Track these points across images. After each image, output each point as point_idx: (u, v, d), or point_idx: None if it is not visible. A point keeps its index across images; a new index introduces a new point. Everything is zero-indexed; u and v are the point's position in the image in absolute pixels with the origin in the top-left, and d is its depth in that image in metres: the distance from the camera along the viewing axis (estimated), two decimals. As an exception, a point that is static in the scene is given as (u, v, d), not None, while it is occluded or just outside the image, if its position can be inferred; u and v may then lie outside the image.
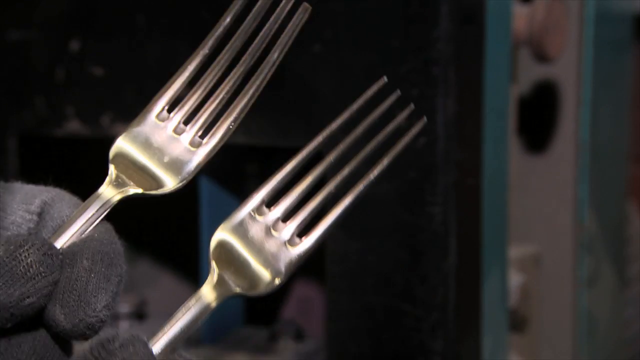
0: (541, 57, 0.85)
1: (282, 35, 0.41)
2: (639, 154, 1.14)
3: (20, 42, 0.84)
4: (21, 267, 0.35)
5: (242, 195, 0.91)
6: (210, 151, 0.41)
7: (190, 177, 0.40)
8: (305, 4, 0.42)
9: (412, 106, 0.41)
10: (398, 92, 0.41)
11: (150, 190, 0.40)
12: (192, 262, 0.90)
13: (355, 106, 0.41)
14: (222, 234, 0.39)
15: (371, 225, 0.74)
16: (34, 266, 0.35)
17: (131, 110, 0.80)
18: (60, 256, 0.36)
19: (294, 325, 0.90)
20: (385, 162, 0.41)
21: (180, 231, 0.97)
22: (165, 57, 0.80)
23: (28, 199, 0.39)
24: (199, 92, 0.41)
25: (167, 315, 0.39)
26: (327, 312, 0.77)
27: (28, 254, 0.35)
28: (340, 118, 0.41)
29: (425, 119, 0.41)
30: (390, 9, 0.72)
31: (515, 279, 0.89)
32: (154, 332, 0.38)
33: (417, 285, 0.73)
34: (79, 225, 0.38)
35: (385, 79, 0.41)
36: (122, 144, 0.40)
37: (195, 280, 0.94)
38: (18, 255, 0.35)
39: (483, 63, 0.76)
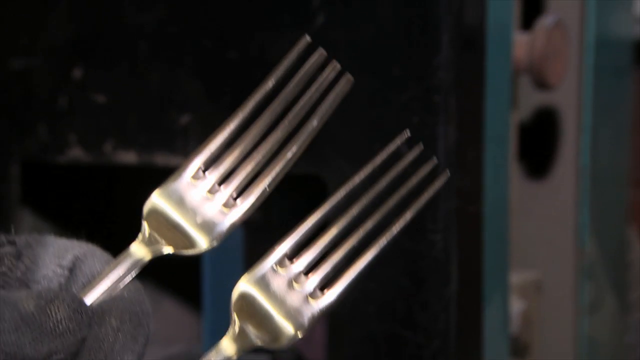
0: (542, 84, 0.85)
1: (323, 103, 0.41)
2: (639, 179, 1.14)
3: (23, 69, 0.84)
4: (50, 323, 0.35)
5: (244, 223, 0.91)
6: (244, 214, 0.40)
7: (223, 239, 0.40)
8: (349, 75, 0.41)
9: (435, 160, 0.41)
10: (421, 146, 0.41)
11: (182, 249, 0.40)
12: (193, 289, 0.90)
13: (377, 160, 0.41)
14: (244, 286, 0.39)
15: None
16: (63, 322, 0.35)
17: (133, 137, 0.81)
18: (90, 313, 0.36)
19: (294, 352, 0.90)
20: (407, 216, 0.40)
21: (181, 258, 0.96)
22: (167, 85, 0.80)
23: (61, 254, 0.39)
24: (235, 153, 0.41)
25: (168, 343, 0.39)
26: (328, 339, 0.77)
27: (58, 310, 0.35)
28: (362, 172, 0.41)
29: (447, 173, 0.41)
30: (391, 37, 0.72)
31: (516, 306, 0.88)
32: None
33: (419, 312, 0.73)
34: (109, 282, 0.38)
35: (408, 132, 0.41)
36: (157, 202, 0.40)
37: (197, 308, 0.93)
38: (48, 310, 0.35)
39: (483, 90, 0.77)
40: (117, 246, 0.41)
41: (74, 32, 0.83)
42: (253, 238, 0.85)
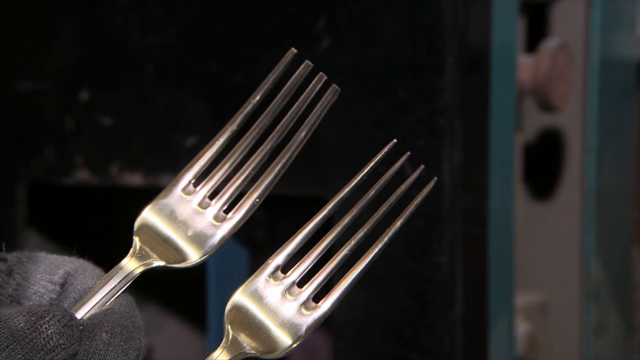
0: (546, 107, 0.85)
1: (311, 115, 0.42)
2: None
3: (30, 92, 0.84)
4: (41, 339, 0.35)
5: (249, 243, 0.91)
6: (234, 226, 0.41)
7: (214, 252, 0.40)
8: (335, 86, 0.42)
9: (422, 167, 0.41)
10: (408, 153, 0.41)
11: (174, 263, 0.40)
12: (198, 308, 0.90)
13: (366, 169, 0.41)
14: (237, 297, 0.39)
15: (378, 274, 0.74)
16: (54, 338, 0.35)
17: (139, 159, 0.81)
18: (81, 327, 0.36)
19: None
20: (398, 224, 0.40)
21: (186, 277, 0.96)
22: (172, 107, 0.80)
23: (52, 270, 0.39)
24: (225, 167, 0.42)
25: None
26: (334, 361, 0.77)
27: (49, 326, 0.35)
28: (352, 183, 0.41)
29: (435, 178, 0.41)
30: (397, 60, 0.72)
31: (522, 327, 0.88)
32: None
33: (424, 334, 0.73)
34: (101, 296, 0.38)
35: (395, 140, 0.41)
36: (148, 216, 0.41)
37: (202, 327, 0.93)
38: (39, 326, 0.35)
39: (488, 113, 0.76)
40: (105, 253, 0.41)
41: (80, 55, 0.83)
42: (258, 258, 0.85)
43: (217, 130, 0.78)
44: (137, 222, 0.41)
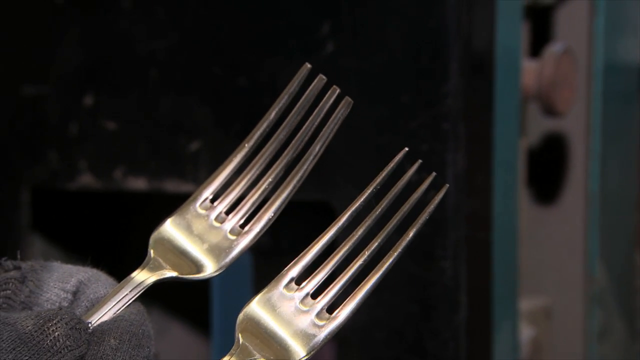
0: (550, 111, 0.85)
1: (324, 129, 0.42)
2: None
3: (34, 96, 0.84)
4: (48, 341, 0.35)
5: (253, 248, 0.91)
6: (251, 240, 0.41)
7: (228, 265, 0.41)
8: (348, 98, 0.42)
9: (434, 174, 0.41)
10: (419, 161, 0.41)
11: (187, 274, 0.41)
12: (202, 313, 0.90)
13: (379, 179, 0.41)
14: (250, 308, 0.39)
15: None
16: (60, 340, 0.35)
17: (143, 164, 0.81)
18: (89, 330, 0.37)
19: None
20: (411, 234, 0.40)
21: (190, 282, 0.96)
22: (177, 112, 0.80)
23: (64, 278, 0.40)
24: (242, 183, 0.42)
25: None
26: (338, 365, 0.77)
27: (56, 328, 0.35)
28: (365, 194, 0.41)
29: (447, 186, 0.41)
30: (400, 65, 0.72)
31: (526, 332, 0.88)
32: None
33: (428, 340, 0.73)
34: (112, 305, 0.38)
35: (406, 149, 0.41)
36: (164, 230, 0.42)
37: (206, 332, 0.93)
38: (46, 329, 0.35)
39: (492, 117, 0.76)
40: (126, 272, 0.41)
41: (85, 60, 0.83)
42: (262, 263, 0.85)
43: (222, 134, 0.78)
44: (153, 236, 0.41)
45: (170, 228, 0.41)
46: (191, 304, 0.98)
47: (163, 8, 0.80)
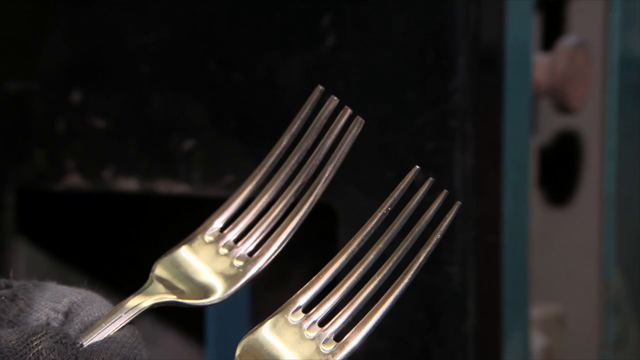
0: (563, 108, 0.85)
1: (335, 152, 0.43)
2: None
3: (20, 93, 0.84)
4: (31, 354, 0.35)
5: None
6: (259, 268, 0.42)
7: (233, 293, 0.41)
8: (359, 118, 0.43)
9: (445, 192, 0.42)
10: (431, 179, 0.42)
11: (189, 299, 0.41)
12: (195, 321, 0.90)
13: (390, 200, 0.41)
14: (254, 334, 0.40)
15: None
16: (44, 353, 0.36)
17: (134, 163, 0.81)
18: (77, 346, 0.37)
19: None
20: (422, 257, 0.41)
21: (190, 307, 0.96)
22: (169, 109, 0.80)
23: (57, 298, 0.40)
24: (252, 212, 0.44)
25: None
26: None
27: (40, 342, 0.36)
28: (375, 217, 0.41)
29: (459, 203, 0.41)
30: (405, 60, 0.73)
31: (538, 341, 0.88)
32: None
33: (435, 349, 0.73)
34: (106, 327, 0.39)
35: (417, 167, 0.42)
36: (169, 256, 0.42)
37: (199, 340, 0.93)
38: (30, 342, 0.36)
39: (502, 114, 0.77)
40: (116, 278, 0.41)
41: (72, 54, 0.83)
42: (259, 272, 0.85)
43: (217, 132, 0.78)
44: (157, 262, 0.42)
45: (176, 255, 0.43)
46: (185, 316, 0.98)
47: (155, 0, 0.80)
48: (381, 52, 0.73)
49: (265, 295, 0.78)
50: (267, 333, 0.40)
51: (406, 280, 0.40)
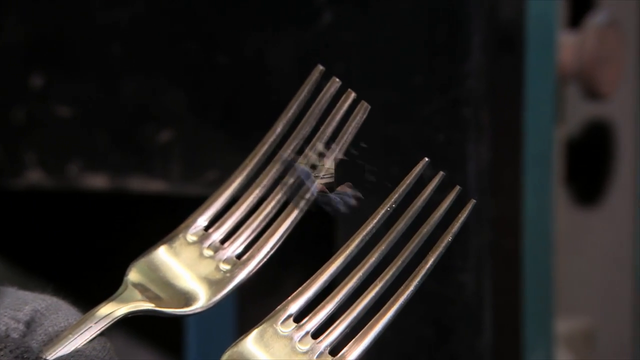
0: (593, 93, 0.85)
1: (337, 140, 0.43)
2: None
3: (-29, 76, 0.85)
4: None
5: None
6: (248, 273, 0.42)
7: (218, 301, 0.41)
8: (364, 103, 0.42)
9: (458, 189, 0.41)
10: (442, 173, 0.41)
11: (168, 308, 0.41)
12: (175, 332, 0.90)
13: (392, 199, 0.41)
14: (238, 346, 0.39)
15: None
16: None
17: (103, 157, 0.81)
18: None
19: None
20: (430, 262, 0.40)
21: (170, 317, 0.96)
22: (144, 95, 0.80)
23: (17, 305, 0.40)
24: (241, 208, 0.43)
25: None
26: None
27: None
28: (377, 217, 0.41)
29: (473, 201, 0.41)
30: (412, 40, 0.73)
31: (563, 359, 0.88)
32: None
33: (445, 368, 0.73)
34: (73, 339, 0.39)
35: (426, 159, 0.41)
36: (146, 259, 0.42)
37: (179, 355, 0.94)
38: None
39: (522, 102, 0.77)
40: (85, 283, 0.41)
41: (32, 32, 0.83)
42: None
43: (197, 123, 0.78)
44: (132, 264, 0.42)
45: (153, 256, 0.42)
46: (163, 325, 0.99)
47: (127, -30, 0.80)
48: (384, 31, 0.73)
49: (253, 304, 0.78)
50: (253, 346, 0.40)
51: (412, 288, 0.40)
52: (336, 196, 0.42)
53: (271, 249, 0.42)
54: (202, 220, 0.43)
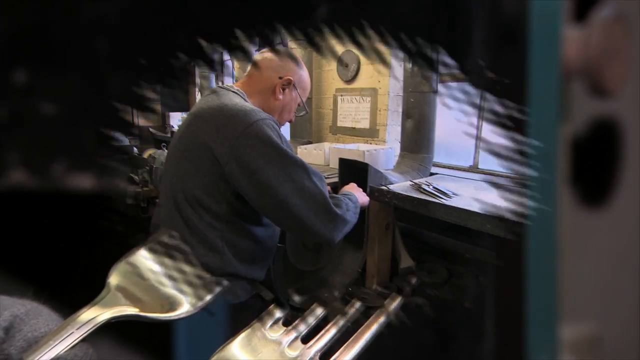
0: (599, 90, 0.85)
1: None
2: None
3: (-48, 72, 0.85)
4: None
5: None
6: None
7: (207, 303, 0.41)
8: None
9: None
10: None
11: (152, 312, 0.41)
12: (162, 338, 0.90)
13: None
14: (225, 352, 0.40)
15: (388, 300, 0.74)
16: None
17: (90, 157, 0.81)
18: None
19: None
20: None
21: (156, 322, 0.97)
22: (131, 92, 0.80)
23: None
24: None
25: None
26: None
27: None
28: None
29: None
30: (411, 34, 0.73)
31: (568, 367, 0.89)
32: None
33: (445, 376, 0.73)
34: (53, 345, 0.39)
35: None
36: (130, 259, 0.42)
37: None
38: None
39: (526, 98, 0.77)
40: (67, 287, 0.42)
41: (15, 26, 0.83)
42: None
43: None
44: (116, 265, 0.42)
45: (138, 257, 0.42)
46: (149, 330, 0.99)
47: (114, -39, 0.81)
48: (383, 25, 0.74)
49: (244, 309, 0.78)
50: (239, 351, 0.40)
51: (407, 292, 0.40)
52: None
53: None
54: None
